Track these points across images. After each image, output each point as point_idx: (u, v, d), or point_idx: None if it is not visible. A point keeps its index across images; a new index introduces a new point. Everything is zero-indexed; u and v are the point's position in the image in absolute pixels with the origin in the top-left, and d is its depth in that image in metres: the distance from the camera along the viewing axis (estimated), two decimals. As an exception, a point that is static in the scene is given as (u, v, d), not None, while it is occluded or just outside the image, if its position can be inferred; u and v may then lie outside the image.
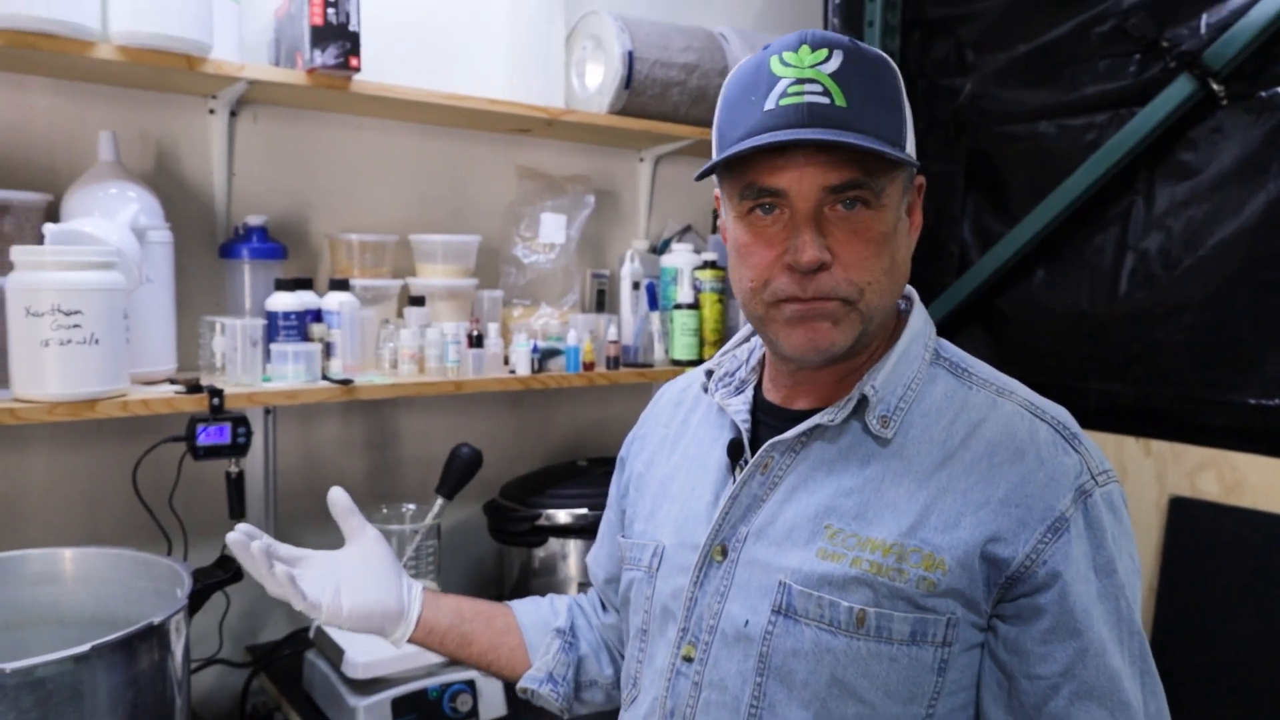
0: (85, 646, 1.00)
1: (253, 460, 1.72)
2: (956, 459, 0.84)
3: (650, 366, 1.98)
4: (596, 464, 2.00)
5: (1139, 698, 0.80)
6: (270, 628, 1.81)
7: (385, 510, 1.64)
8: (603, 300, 2.14)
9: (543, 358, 1.82)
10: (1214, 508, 1.78)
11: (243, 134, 1.71)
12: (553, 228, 1.93)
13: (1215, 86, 1.79)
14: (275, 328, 1.56)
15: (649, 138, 2.06)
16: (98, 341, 1.29)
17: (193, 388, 1.44)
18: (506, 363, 1.82)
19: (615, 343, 1.90)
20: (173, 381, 1.50)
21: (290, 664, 1.64)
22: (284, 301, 1.56)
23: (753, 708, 0.85)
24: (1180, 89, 1.83)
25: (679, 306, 1.97)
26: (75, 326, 1.27)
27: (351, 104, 1.73)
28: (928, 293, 2.31)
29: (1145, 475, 1.89)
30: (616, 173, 2.22)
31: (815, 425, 0.87)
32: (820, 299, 0.83)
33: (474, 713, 1.50)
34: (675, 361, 1.97)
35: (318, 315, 1.62)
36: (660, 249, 2.20)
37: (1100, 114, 1.99)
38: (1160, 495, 1.86)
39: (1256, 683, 1.71)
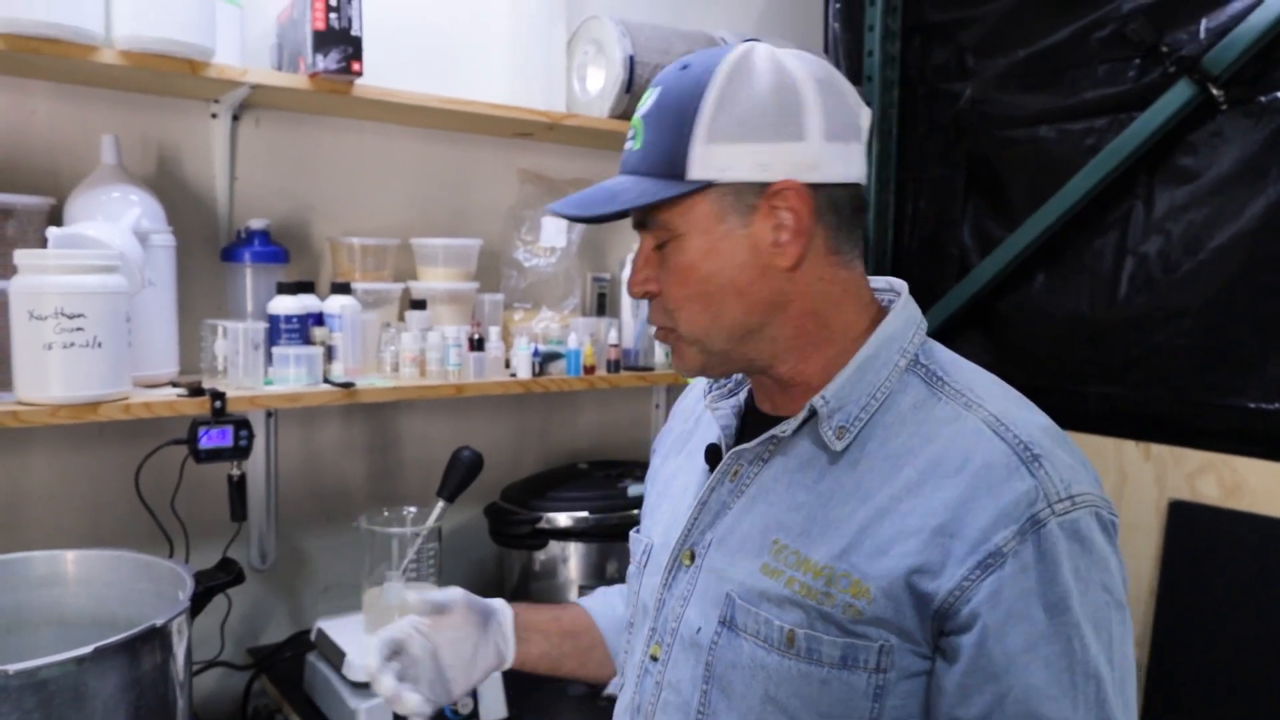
0: (88, 648, 1.00)
1: (254, 463, 1.73)
2: (902, 478, 0.79)
3: (651, 370, 1.98)
4: (597, 467, 2.00)
5: None
6: (271, 630, 1.82)
7: (386, 513, 1.65)
8: (603, 304, 2.15)
9: (544, 361, 1.82)
10: (1214, 511, 1.78)
11: (245, 138, 1.72)
12: (554, 231, 1.93)
13: (1214, 91, 1.80)
14: (277, 331, 1.56)
15: (650, 141, 2.06)
16: (100, 345, 1.30)
17: (195, 391, 1.44)
18: (507, 366, 1.83)
19: (616, 346, 1.91)
20: (175, 384, 1.50)
21: (291, 666, 1.64)
22: (286, 305, 1.57)
23: (700, 713, 0.86)
24: (1180, 94, 1.84)
25: (680, 310, 1.97)
26: (78, 330, 1.27)
27: (353, 108, 1.73)
28: (928, 296, 2.31)
29: (1145, 479, 1.89)
30: (617, 176, 2.23)
31: (771, 436, 0.87)
32: (658, 326, 0.90)
33: (475, 715, 1.50)
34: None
35: (319, 318, 1.62)
36: (661, 252, 2.20)
37: (1100, 118, 2.00)
38: (1160, 499, 1.87)
39: (1256, 684, 1.71)
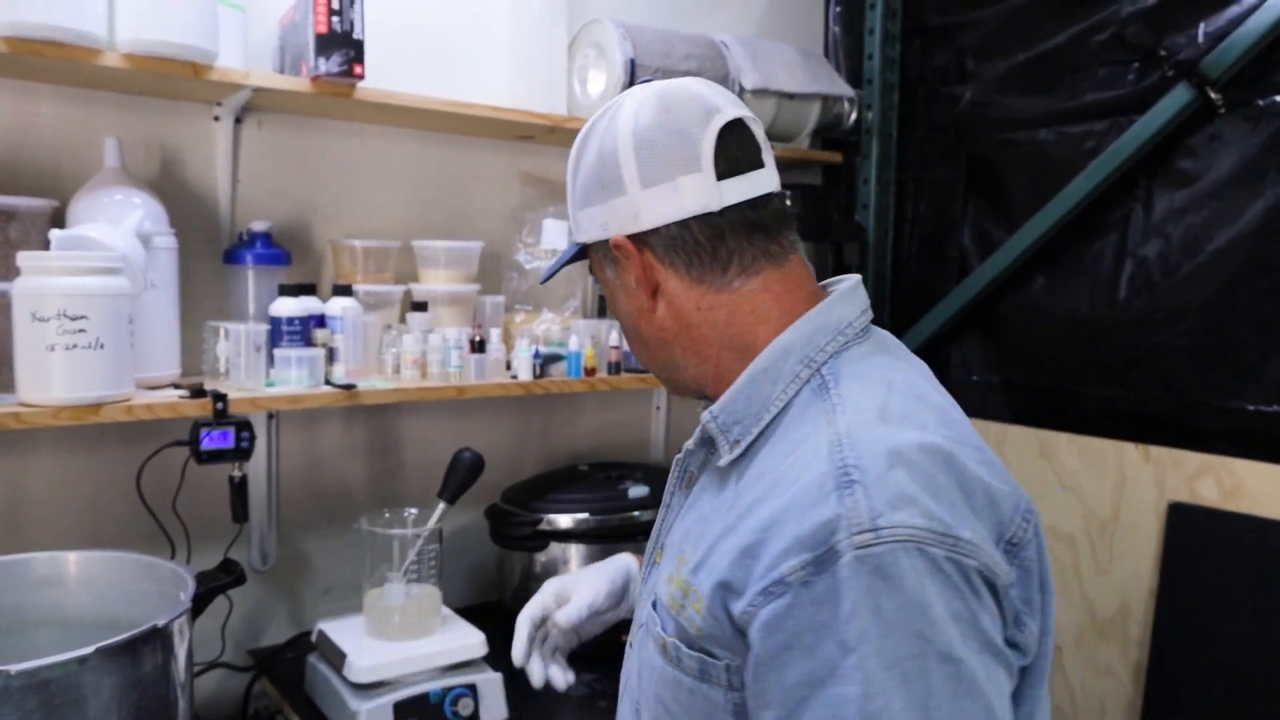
0: (89, 649, 1.01)
1: (256, 465, 1.73)
2: (752, 495, 0.77)
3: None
4: (598, 469, 2.01)
5: None
6: (272, 631, 1.82)
7: (387, 514, 1.65)
8: (604, 306, 2.15)
9: (544, 363, 1.83)
10: (1213, 513, 1.79)
11: (247, 140, 1.72)
12: (555, 234, 1.94)
13: (1213, 94, 1.80)
14: (279, 333, 1.56)
15: (650, 144, 2.07)
16: (103, 346, 1.30)
17: (196, 392, 1.44)
18: (508, 368, 1.83)
19: (617, 348, 1.91)
20: (177, 386, 1.50)
21: (292, 668, 1.64)
22: (287, 307, 1.57)
23: (636, 703, 0.90)
24: (1179, 97, 1.84)
25: (680, 312, 1.97)
26: (80, 331, 1.28)
27: (355, 111, 1.74)
28: (928, 298, 2.32)
29: (1144, 481, 1.89)
30: (618, 179, 2.23)
31: (686, 449, 0.91)
32: None
33: (475, 716, 1.50)
34: (676, 367, 1.97)
35: (321, 320, 1.63)
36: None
37: (1099, 121, 2.00)
38: (1159, 500, 1.87)
39: (1255, 685, 1.71)
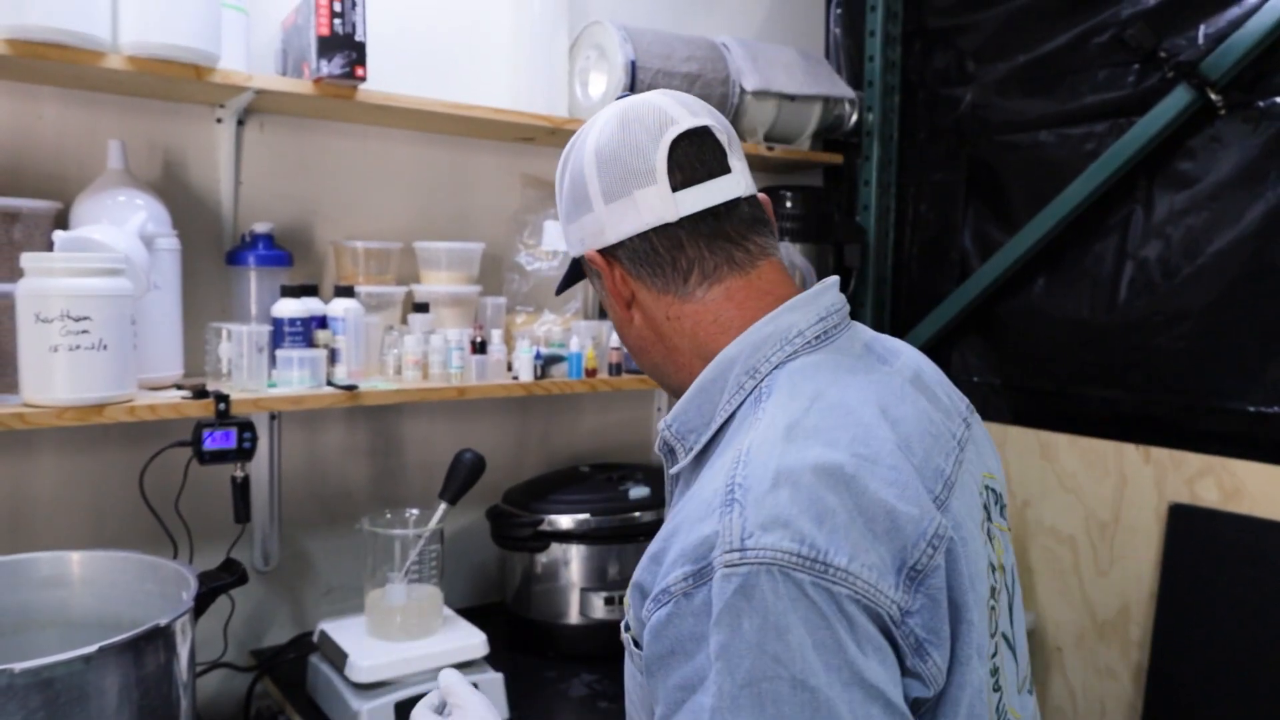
0: (92, 647, 1.01)
1: (258, 465, 1.74)
2: (681, 505, 0.78)
3: (652, 373, 1.99)
4: (599, 470, 2.01)
5: None
6: (274, 632, 1.82)
7: (389, 515, 1.66)
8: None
9: (545, 364, 1.83)
10: (1213, 514, 1.79)
11: (250, 142, 1.73)
12: (556, 235, 1.94)
13: (1213, 96, 1.81)
14: (281, 334, 1.57)
15: (651, 146, 2.07)
16: (106, 347, 1.31)
17: (199, 393, 1.45)
18: (509, 369, 1.83)
19: (618, 349, 1.91)
20: (179, 387, 1.51)
21: (294, 668, 1.65)
22: (289, 308, 1.58)
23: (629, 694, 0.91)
24: (1179, 99, 1.85)
25: (681, 313, 1.97)
26: (84, 332, 1.28)
27: (357, 113, 1.74)
28: (928, 300, 2.32)
29: (1145, 482, 1.89)
30: (619, 181, 2.23)
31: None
32: None
33: (476, 716, 1.51)
34: (677, 368, 1.98)
35: (323, 322, 1.63)
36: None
37: (1100, 123, 2.01)
38: (1160, 502, 1.87)
39: (1255, 687, 1.71)
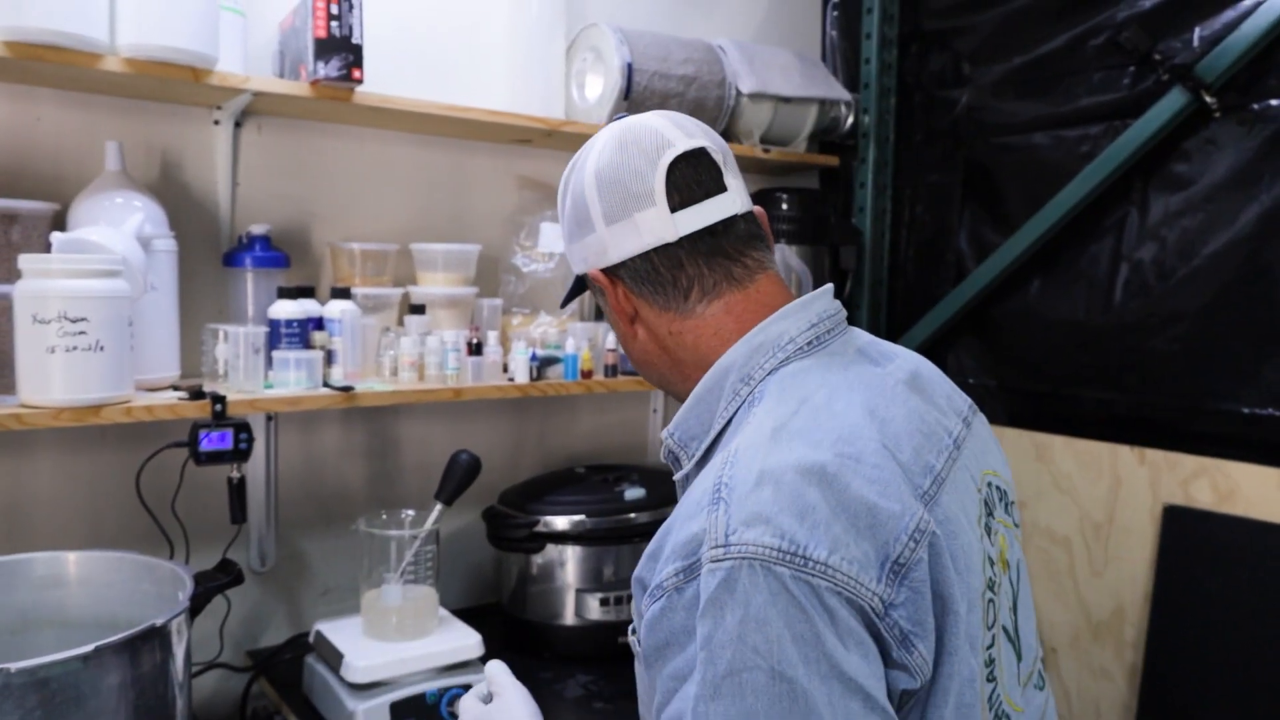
0: (88, 647, 1.02)
1: (254, 466, 1.74)
2: (679, 506, 0.81)
3: (648, 374, 1.99)
4: (594, 471, 2.01)
5: None
6: (270, 632, 1.83)
7: (385, 515, 1.66)
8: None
9: (541, 365, 1.84)
10: (1207, 516, 1.79)
11: (247, 144, 1.74)
12: (552, 237, 1.95)
13: (1208, 98, 1.81)
14: (277, 335, 1.58)
15: (648, 148, 2.08)
16: (103, 348, 1.31)
17: (196, 394, 1.45)
18: (505, 370, 1.84)
19: (613, 351, 1.92)
20: (176, 388, 1.51)
21: (290, 668, 1.65)
22: (286, 309, 1.58)
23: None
24: (1174, 101, 1.85)
25: (677, 315, 1.98)
26: (81, 333, 1.29)
27: (354, 115, 1.75)
28: (924, 302, 2.32)
29: (1139, 484, 1.90)
30: (616, 183, 2.24)
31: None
32: None
33: (472, 717, 1.51)
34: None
35: (319, 323, 1.64)
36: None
37: (1095, 125, 2.01)
38: (1154, 503, 1.87)
39: (1250, 688, 1.71)
